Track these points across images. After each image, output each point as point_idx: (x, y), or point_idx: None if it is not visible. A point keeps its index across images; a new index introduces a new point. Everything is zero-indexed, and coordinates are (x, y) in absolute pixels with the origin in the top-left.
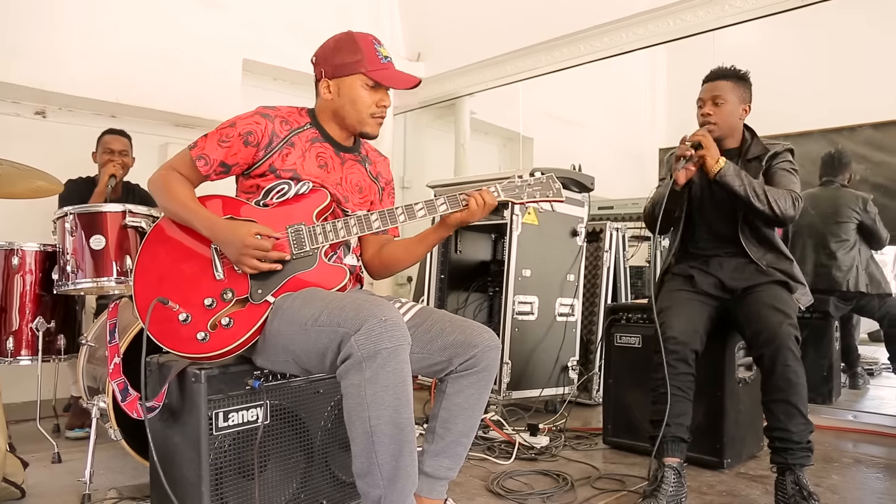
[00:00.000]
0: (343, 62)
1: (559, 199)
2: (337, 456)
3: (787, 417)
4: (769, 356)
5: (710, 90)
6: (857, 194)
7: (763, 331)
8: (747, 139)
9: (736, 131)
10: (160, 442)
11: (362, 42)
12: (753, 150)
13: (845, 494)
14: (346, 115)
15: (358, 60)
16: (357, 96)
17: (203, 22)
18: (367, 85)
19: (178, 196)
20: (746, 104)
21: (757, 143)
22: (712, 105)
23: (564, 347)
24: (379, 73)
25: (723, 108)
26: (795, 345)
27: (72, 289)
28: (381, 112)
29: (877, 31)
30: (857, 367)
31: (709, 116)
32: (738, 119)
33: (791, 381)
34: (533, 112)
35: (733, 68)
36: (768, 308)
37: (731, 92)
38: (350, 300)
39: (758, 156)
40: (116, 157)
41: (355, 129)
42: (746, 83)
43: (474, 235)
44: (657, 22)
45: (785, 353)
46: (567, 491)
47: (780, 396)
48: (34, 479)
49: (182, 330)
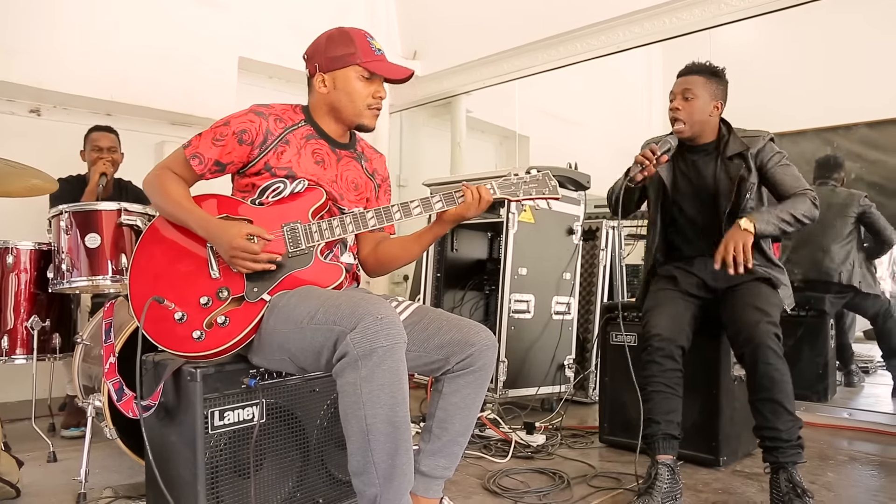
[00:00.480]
0: (337, 55)
1: (555, 196)
2: (333, 454)
3: (774, 416)
4: (749, 355)
5: (681, 84)
6: (854, 192)
7: (742, 330)
8: (724, 134)
9: (708, 127)
10: (156, 441)
11: (355, 35)
12: (732, 146)
13: (840, 492)
14: (342, 108)
15: (352, 53)
16: (353, 88)
17: (199, 20)
18: (363, 76)
19: (173, 195)
20: (719, 101)
21: (734, 139)
22: (682, 100)
23: (561, 346)
24: (374, 65)
25: (692, 104)
26: (776, 342)
27: (67, 287)
28: (376, 103)
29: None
30: (853, 365)
31: (677, 112)
32: (708, 115)
33: (774, 380)
34: (529, 110)
35: (708, 64)
36: (748, 307)
37: (702, 87)
38: (346, 298)
39: (739, 152)
40: (105, 154)
41: (352, 121)
42: (720, 80)
43: (470, 234)
44: (653, 20)
45: (765, 351)
46: (563, 489)
47: (765, 395)
48: (29, 478)
49: (178, 329)
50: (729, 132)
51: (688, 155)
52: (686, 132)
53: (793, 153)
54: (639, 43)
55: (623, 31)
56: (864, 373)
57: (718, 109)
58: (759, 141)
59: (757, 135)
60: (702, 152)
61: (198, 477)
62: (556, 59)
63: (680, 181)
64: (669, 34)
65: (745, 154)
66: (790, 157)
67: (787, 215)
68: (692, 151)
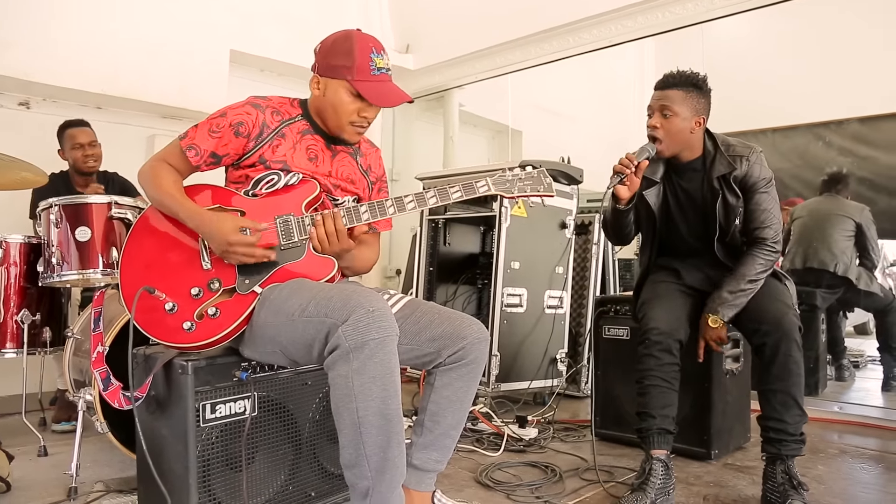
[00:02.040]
0: (333, 64)
1: (550, 193)
2: (325, 448)
3: (783, 408)
4: (772, 345)
5: (658, 99)
6: (859, 204)
7: (767, 320)
8: (709, 150)
9: (692, 143)
10: (147, 434)
11: (359, 48)
12: (719, 166)
13: (831, 485)
14: (326, 118)
15: (347, 67)
16: (339, 101)
17: (190, 12)
18: (352, 93)
19: (166, 187)
20: (701, 116)
21: (721, 158)
22: (660, 116)
23: (553, 340)
24: (364, 86)
25: (671, 122)
26: (800, 336)
27: (57, 281)
28: (361, 122)
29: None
30: (843, 360)
31: (655, 130)
32: (689, 133)
33: (792, 372)
34: (522, 104)
35: (689, 74)
36: (772, 299)
37: (681, 103)
38: (338, 291)
39: (724, 174)
40: (88, 149)
41: (333, 132)
42: (701, 91)
43: (463, 228)
44: (646, 14)
45: (790, 343)
46: (556, 482)
47: (779, 386)
48: (20, 472)
49: (168, 319)
50: (715, 148)
51: (674, 176)
52: (666, 151)
53: (784, 148)
54: (631, 37)
55: (616, 25)
56: (854, 367)
57: (700, 125)
58: (744, 162)
59: (742, 153)
60: (688, 170)
61: (189, 470)
62: (549, 53)
63: (670, 201)
64: (662, 28)
65: (729, 177)
66: (782, 152)
67: (746, 283)
68: (678, 171)
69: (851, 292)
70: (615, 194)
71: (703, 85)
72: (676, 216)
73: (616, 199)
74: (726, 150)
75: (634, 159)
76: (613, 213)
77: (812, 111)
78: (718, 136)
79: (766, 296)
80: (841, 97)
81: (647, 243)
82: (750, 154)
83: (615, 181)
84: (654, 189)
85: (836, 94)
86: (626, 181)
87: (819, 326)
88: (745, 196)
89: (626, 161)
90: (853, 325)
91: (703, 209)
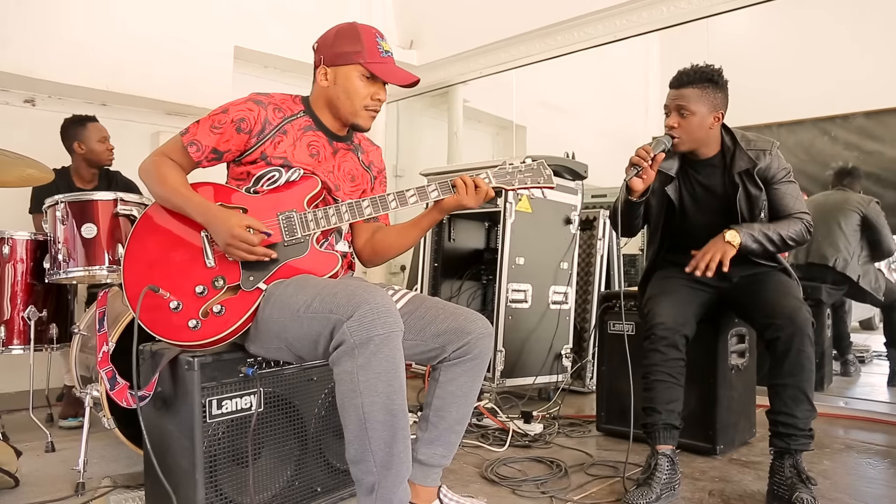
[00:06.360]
0: (342, 51)
1: (550, 185)
2: (331, 443)
3: (794, 403)
4: (785, 340)
5: (674, 98)
6: (866, 196)
7: (779, 315)
8: (728, 146)
9: (710, 139)
10: (154, 430)
11: (364, 33)
12: (740, 162)
13: (836, 480)
14: (339, 105)
15: (357, 51)
16: (352, 87)
17: (194, 9)
18: (364, 76)
19: (170, 182)
20: (719, 111)
21: (741, 153)
22: (677, 116)
23: (558, 335)
24: (377, 67)
25: (689, 121)
26: (812, 331)
27: (63, 277)
28: (374, 105)
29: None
30: (849, 355)
31: (674, 129)
32: (707, 129)
33: (804, 367)
34: (526, 100)
35: (703, 69)
36: (780, 293)
37: (698, 101)
38: (342, 287)
39: (746, 169)
40: (108, 143)
41: (348, 119)
42: (718, 85)
43: (468, 223)
44: (651, 9)
45: (802, 338)
46: (561, 477)
47: (790, 381)
48: (28, 467)
49: (173, 318)
50: (734, 143)
51: (692, 172)
52: (684, 147)
53: (790, 143)
54: (636, 32)
55: (621, 19)
56: (860, 362)
57: (719, 120)
58: (765, 156)
59: (763, 147)
60: (707, 166)
61: (196, 466)
62: (554, 48)
63: (685, 196)
64: (667, 23)
65: (752, 171)
66: (787, 147)
67: (776, 235)
68: (696, 168)
69: (855, 289)
70: (629, 186)
71: (718, 79)
72: (691, 211)
73: (629, 191)
74: (746, 146)
75: (651, 151)
76: (626, 204)
77: (817, 106)
78: (735, 130)
79: (779, 291)
80: (846, 91)
81: (655, 238)
82: (771, 148)
83: (632, 173)
84: (671, 184)
85: (842, 88)
86: (641, 174)
87: (824, 322)
88: (767, 188)
89: (643, 153)
90: (858, 321)
91: (724, 203)
